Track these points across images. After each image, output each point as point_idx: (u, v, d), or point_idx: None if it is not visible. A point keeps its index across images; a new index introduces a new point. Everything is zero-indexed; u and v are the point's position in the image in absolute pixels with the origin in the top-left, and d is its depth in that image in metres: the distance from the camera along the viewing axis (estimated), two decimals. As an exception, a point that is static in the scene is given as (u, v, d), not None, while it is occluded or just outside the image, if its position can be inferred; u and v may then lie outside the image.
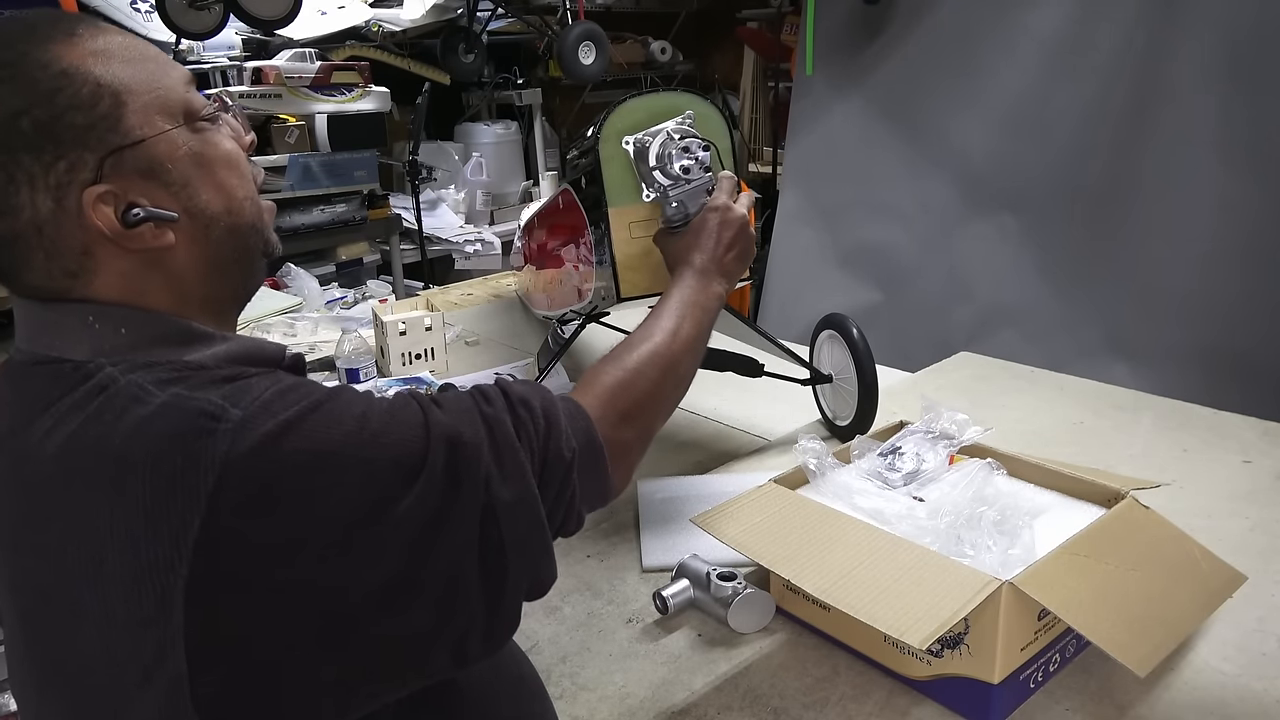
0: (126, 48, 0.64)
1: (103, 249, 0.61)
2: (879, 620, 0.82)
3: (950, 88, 2.87)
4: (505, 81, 3.93)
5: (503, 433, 0.64)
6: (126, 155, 0.61)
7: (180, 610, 0.53)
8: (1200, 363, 2.35)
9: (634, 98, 1.18)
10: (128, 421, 0.56)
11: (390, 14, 3.55)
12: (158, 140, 0.63)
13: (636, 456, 0.81)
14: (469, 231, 3.71)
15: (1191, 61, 2.32)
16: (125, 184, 0.61)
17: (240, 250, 0.69)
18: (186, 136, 0.65)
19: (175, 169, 0.64)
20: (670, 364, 0.84)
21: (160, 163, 0.63)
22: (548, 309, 1.65)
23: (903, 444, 1.10)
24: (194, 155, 0.65)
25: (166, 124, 0.63)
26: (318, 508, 0.55)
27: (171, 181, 0.64)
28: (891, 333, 2.87)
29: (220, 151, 0.67)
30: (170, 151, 0.63)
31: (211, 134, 0.67)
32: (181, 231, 0.64)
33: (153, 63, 0.65)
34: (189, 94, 0.66)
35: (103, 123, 0.60)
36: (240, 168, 0.69)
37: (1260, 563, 1.05)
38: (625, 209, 1.16)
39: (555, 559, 0.67)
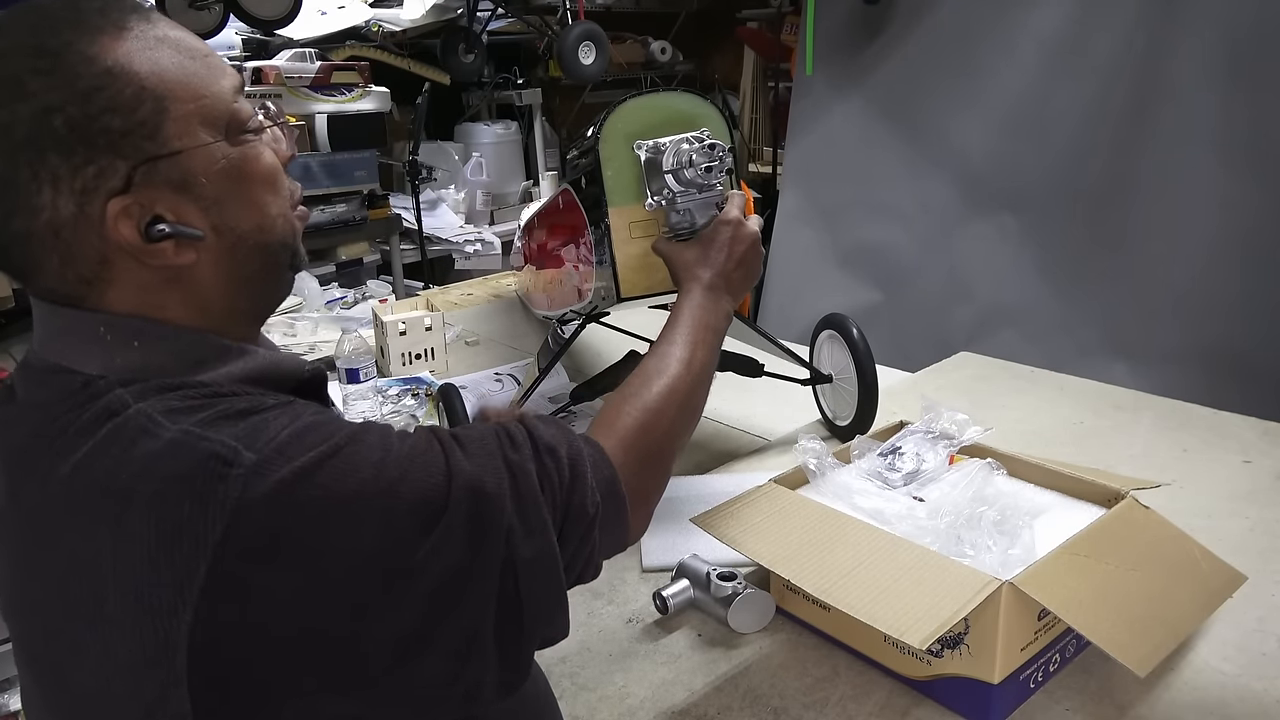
0: (177, 46, 0.60)
1: (121, 260, 0.59)
2: (879, 620, 0.82)
3: (950, 88, 2.87)
4: (505, 81, 3.93)
5: (527, 485, 0.62)
6: (160, 166, 0.58)
7: (184, 653, 0.51)
8: (1200, 363, 2.35)
9: (634, 98, 1.18)
10: (135, 456, 0.54)
11: (390, 14, 3.56)
12: (195, 153, 0.59)
13: (655, 501, 0.78)
14: (469, 231, 3.71)
15: (1191, 61, 2.32)
16: (153, 196, 0.58)
17: (267, 266, 0.66)
18: (226, 150, 0.61)
19: (209, 184, 0.60)
20: (686, 398, 0.81)
21: (194, 176, 0.60)
22: (548, 309, 1.65)
23: (903, 444, 1.10)
24: (231, 169, 0.62)
25: (208, 136, 0.60)
26: (330, 558, 0.54)
27: (203, 196, 0.60)
28: (891, 333, 2.87)
29: (259, 167, 0.64)
30: (206, 165, 0.60)
31: (252, 147, 0.63)
32: (206, 249, 0.61)
33: (203, 65, 0.61)
34: (236, 103, 0.63)
35: (140, 129, 0.57)
36: (277, 184, 0.66)
37: (1260, 563, 1.05)
38: (625, 209, 1.16)
39: (569, 613, 0.65)
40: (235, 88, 0.63)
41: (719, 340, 0.90)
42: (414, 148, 3.14)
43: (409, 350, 1.91)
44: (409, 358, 1.91)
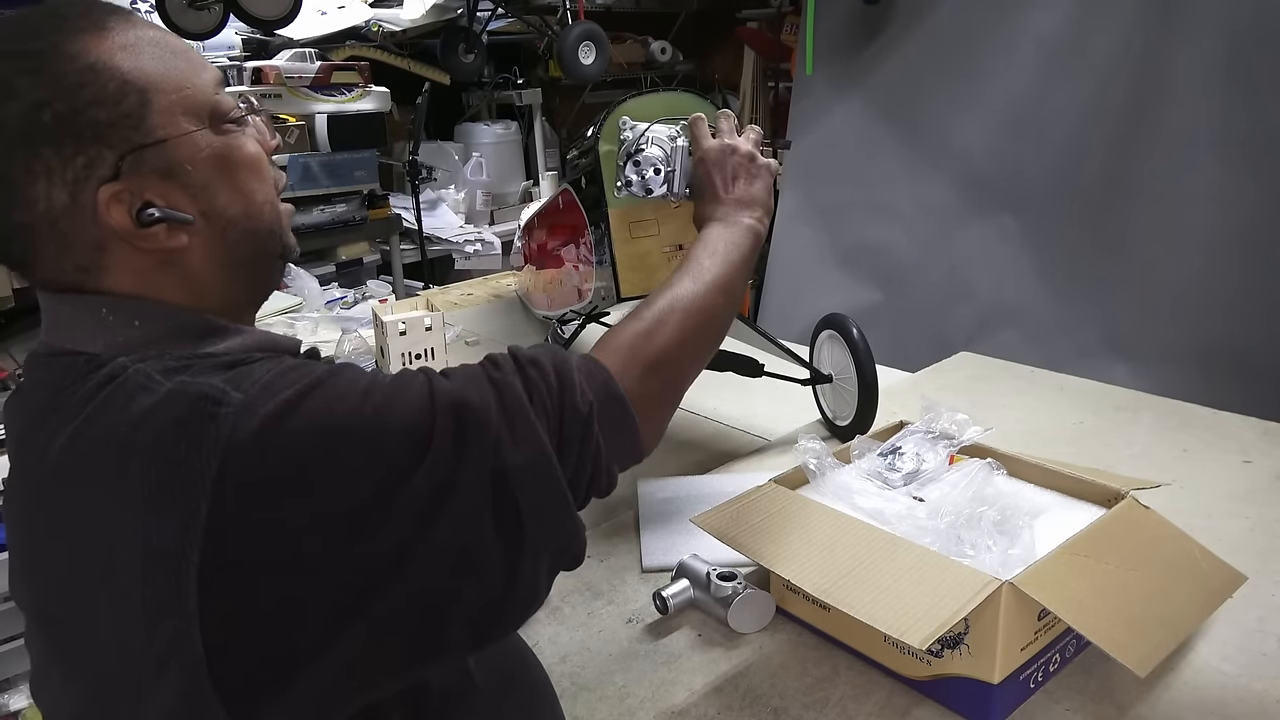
0: (157, 43, 0.63)
1: (116, 246, 0.61)
2: (879, 620, 0.82)
3: (950, 88, 2.87)
4: (505, 81, 3.93)
5: (512, 395, 0.62)
6: (146, 154, 0.61)
7: (194, 596, 0.52)
8: (1200, 362, 2.35)
9: (634, 97, 1.18)
10: (134, 410, 0.56)
11: (390, 14, 3.56)
12: (180, 141, 0.62)
13: (669, 408, 0.77)
14: (469, 231, 3.71)
15: (1190, 62, 2.32)
16: (142, 183, 0.61)
17: (257, 253, 0.68)
18: (210, 138, 0.64)
19: (195, 171, 0.63)
20: (696, 307, 0.78)
21: (180, 164, 0.62)
22: (548, 309, 1.65)
23: (903, 444, 1.10)
24: (216, 157, 0.64)
25: (191, 125, 0.63)
26: (324, 487, 0.55)
27: (190, 183, 0.63)
28: (891, 333, 2.87)
29: (243, 154, 0.66)
30: (192, 153, 0.63)
31: (235, 136, 0.66)
32: (197, 234, 0.64)
33: (183, 60, 0.64)
34: (218, 95, 0.65)
35: (125, 120, 0.60)
36: (262, 171, 0.68)
37: (1260, 563, 1.05)
38: (625, 209, 1.16)
39: (580, 523, 0.64)
40: (215, 81, 0.66)
41: (738, 252, 0.87)
42: (414, 148, 3.14)
43: (409, 350, 1.91)
44: (409, 358, 1.91)
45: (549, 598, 1.10)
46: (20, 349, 2.61)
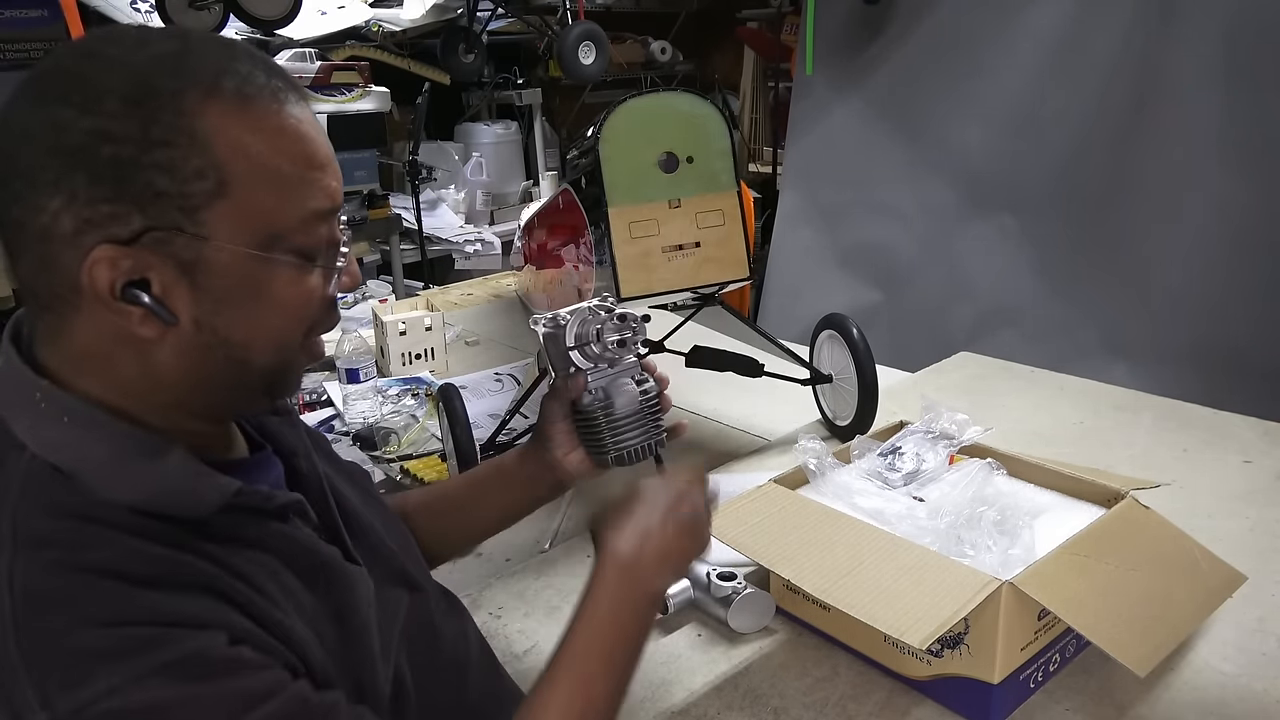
0: (288, 148, 0.57)
1: (89, 300, 0.55)
2: (879, 620, 0.82)
3: (950, 88, 2.87)
4: (505, 81, 3.93)
5: None
6: (178, 240, 0.54)
7: None
8: (1199, 362, 2.35)
9: (634, 98, 1.19)
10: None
11: (390, 14, 3.56)
12: (223, 248, 0.55)
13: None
14: (469, 231, 3.71)
15: (1190, 61, 2.32)
16: (153, 262, 0.55)
17: (234, 381, 0.60)
18: (256, 262, 0.57)
19: (219, 282, 0.56)
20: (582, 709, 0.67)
21: (208, 268, 0.56)
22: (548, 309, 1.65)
23: (903, 444, 1.10)
24: (250, 280, 0.57)
25: (245, 240, 0.56)
26: None
27: (204, 289, 0.56)
28: (891, 333, 2.87)
29: (282, 293, 0.59)
30: (229, 265, 0.56)
31: (286, 270, 0.58)
32: (176, 336, 0.57)
33: (297, 177, 0.58)
34: (309, 228, 0.59)
35: (181, 200, 0.54)
36: (297, 315, 0.60)
37: (1260, 563, 1.05)
38: (625, 209, 1.17)
39: None
40: (318, 213, 0.59)
41: (632, 642, 0.72)
42: (414, 148, 3.14)
43: (409, 350, 1.91)
44: (409, 358, 1.91)
45: (549, 597, 1.10)
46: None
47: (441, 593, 0.81)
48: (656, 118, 1.20)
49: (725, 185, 1.23)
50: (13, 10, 2.50)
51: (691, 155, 1.21)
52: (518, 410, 1.50)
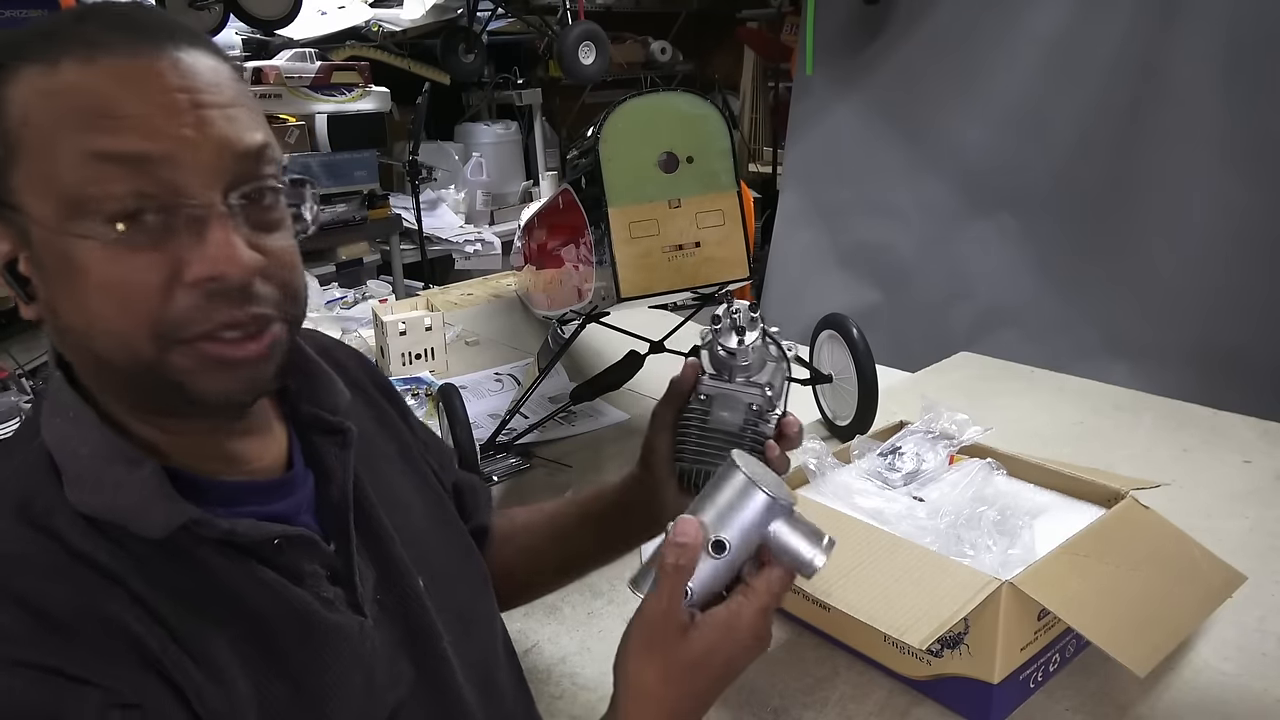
0: (73, 94, 0.50)
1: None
2: (879, 620, 0.82)
3: (950, 88, 2.87)
4: (505, 81, 3.93)
5: None
6: (10, 215, 0.51)
7: None
8: (1199, 362, 2.35)
9: (634, 98, 1.19)
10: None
11: (390, 14, 3.56)
12: (32, 220, 0.51)
13: None
14: (469, 231, 3.71)
15: (1190, 61, 2.32)
16: (14, 240, 0.52)
17: (105, 375, 0.55)
18: (59, 233, 0.50)
19: (44, 260, 0.52)
20: None
21: (32, 241, 0.51)
22: (548, 309, 1.65)
23: (903, 444, 1.10)
24: (60, 256, 0.51)
25: (45, 208, 0.50)
26: None
27: (41, 268, 0.52)
28: (891, 333, 2.87)
29: (88, 273, 0.51)
30: (42, 239, 0.51)
31: (95, 244, 0.50)
32: (46, 319, 0.54)
33: (79, 120, 0.50)
34: (93, 179, 0.50)
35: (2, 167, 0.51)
36: (114, 301, 0.51)
37: (1260, 563, 1.05)
38: (625, 209, 1.17)
39: None
40: (100, 153, 0.49)
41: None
42: (414, 148, 3.14)
43: (409, 350, 1.91)
44: (409, 358, 1.91)
45: (549, 597, 1.10)
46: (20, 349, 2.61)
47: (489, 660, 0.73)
48: (656, 118, 1.20)
49: (725, 185, 1.23)
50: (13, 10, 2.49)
51: (691, 155, 1.21)
52: (518, 410, 1.50)
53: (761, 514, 0.61)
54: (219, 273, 0.51)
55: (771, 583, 0.61)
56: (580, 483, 1.40)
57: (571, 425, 1.60)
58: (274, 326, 0.55)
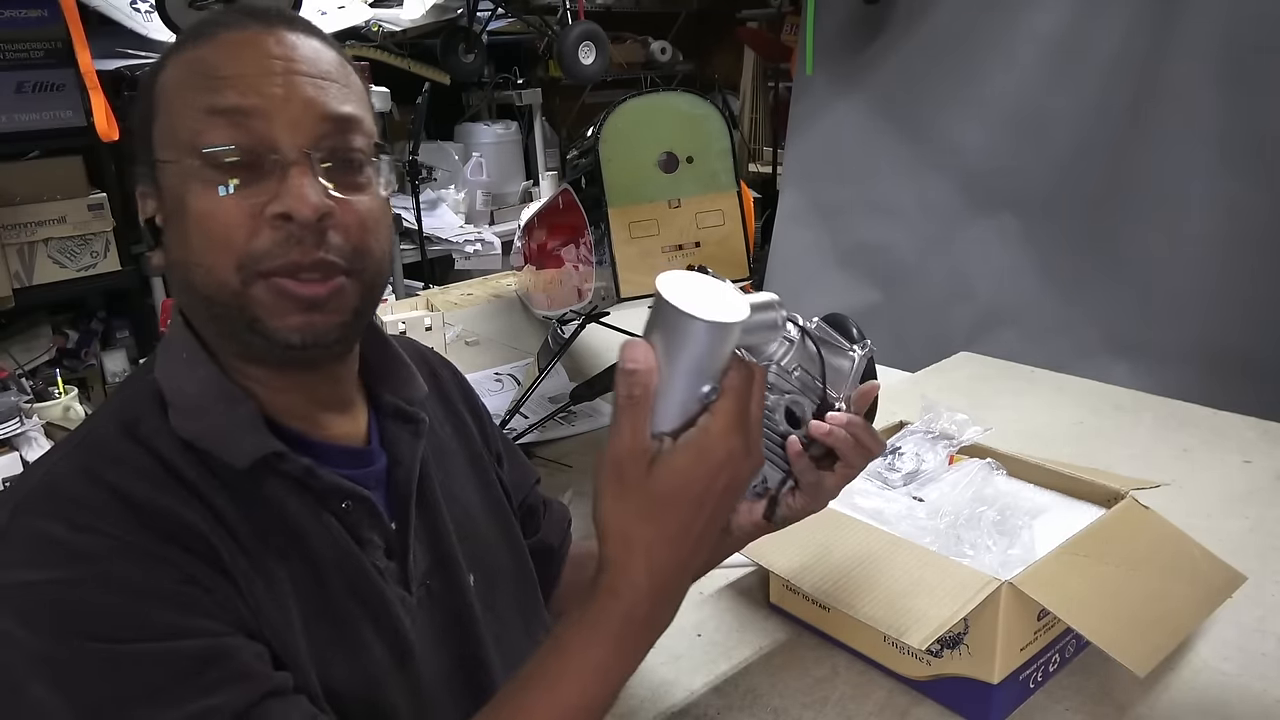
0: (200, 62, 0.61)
1: None
2: (878, 620, 0.82)
3: (950, 87, 2.87)
4: (505, 81, 3.93)
5: None
6: (151, 170, 0.62)
7: None
8: (1200, 363, 2.35)
9: (634, 98, 1.19)
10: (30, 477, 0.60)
11: (390, 14, 3.55)
12: (161, 167, 0.61)
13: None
14: (469, 231, 3.71)
15: (1191, 61, 2.32)
16: (156, 195, 0.63)
17: (202, 312, 0.63)
18: (178, 174, 0.60)
19: (168, 202, 0.62)
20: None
21: (162, 190, 0.62)
22: (548, 309, 1.65)
23: (903, 444, 1.10)
24: (176, 197, 0.61)
25: (170, 154, 0.61)
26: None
27: (164, 212, 0.63)
28: (891, 333, 2.87)
29: (193, 209, 0.59)
30: (166, 183, 0.61)
31: (200, 184, 0.59)
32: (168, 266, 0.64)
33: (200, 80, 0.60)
34: (206, 130, 0.59)
35: (144, 131, 0.62)
36: (210, 233, 0.59)
37: (1260, 563, 1.05)
38: (625, 209, 1.17)
39: None
40: (212, 107, 0.59)
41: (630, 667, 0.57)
42: (414, 148, 3.14)
43: (409, 350, 1.90)
44: (409, 358, 1.91)
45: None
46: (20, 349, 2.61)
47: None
48: (656, 118, 1.20)
49: (725, 185, 1.23)
50: (13, 10, 2.49)
51: (691, 155, 1.21)
52: (518, 410, 1.50)
53: (710, 342, 0.53)
54: (291, 209, 0.58)
55: (734, 388, 0.54)
56: (580, 483, 1.40)
57: (571, 425, 1.60)
58: (340, 277, 0.61)
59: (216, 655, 0.55)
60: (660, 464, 0.53)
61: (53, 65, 2.54)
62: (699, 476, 0.53)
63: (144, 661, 0.53)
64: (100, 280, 2.67)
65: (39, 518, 0.56)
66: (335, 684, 0.62)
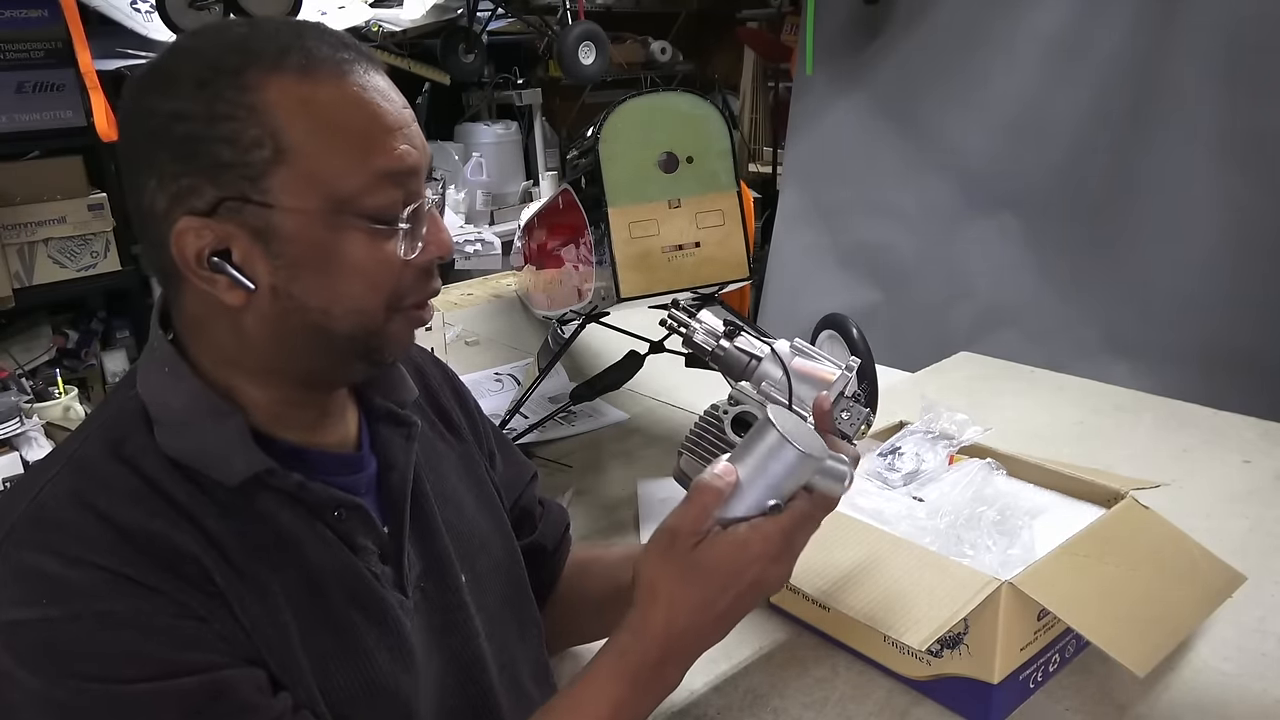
0: (344, 110, 0.59)
1: (185, 271, 0.60)
2: (878, 621, 0.82)
3: (950, 88, 2.87)
4: (505, 81, 3.93)
5: None
6: (248, 209, 0.58)
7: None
8: (1200, 363, 2.35)
9: (634, 98, 1.19)
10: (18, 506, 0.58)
11: (390, 14, 3.55)
12: (289, 213, 0.58)
13: None
14: (469, 231, 3.71)
15: (1191, 62, 2.32)
16: (229, 232, 0.58)
17: (318, 347, 0.62)
18: (324, 226, 0.59)
19: (290, 248, 0.59)
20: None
21: (278, 234, 0.58)
22: (548, 309, 1.65)
23: (903, 444, 1.10)
24: (319, 246, 0.59)
25: (310, 203, 0.58)
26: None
27: (279, 255, 0.59)
28: (891, 333, 2.87)
29: (353, 258, 0.60)
30: (297, 230, 0.58)
31: (355, 235, 0.59)
32: (258, 302, 0.60)
33: (358, 137, 0.59)
34: (376, 191, 0.59)
35: (246, 169, 0.57)
36: (370, 280, 0.61)
37: (1260, 563, 1.05)
38: (625, 209, 1.17)
39: None
40: (383, 174, 0.60)
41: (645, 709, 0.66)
42: (414, 148, 3.13)
43: (409, 350, 1.90)
44: (409, 358, 1.90)
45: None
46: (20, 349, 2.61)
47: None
48: (656, 118, 1.20)
49: (725, 185, 1.23)
50: (13, 10, 2.49)
51: (691, 155, 1.21)
52: (518, 410, 1.50)
53: (792, 467, 0.64)
54: (444, 253, 0.64)
55: (797, 509, 0.65)
56: (580, 483, 1.40)
57: (571, 425, 1.60)
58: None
59: (216, 691, 0.55)
60: (707, 542, 0.63)
61: (53, 65, 2.54)
62: (734, 563, 0.63)
63: (143, 701, 0.54)
64: (100, 280, 2.67)
65: (30, 551, 0.55)
66: (338, 693, 0.62)
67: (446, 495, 0.76)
